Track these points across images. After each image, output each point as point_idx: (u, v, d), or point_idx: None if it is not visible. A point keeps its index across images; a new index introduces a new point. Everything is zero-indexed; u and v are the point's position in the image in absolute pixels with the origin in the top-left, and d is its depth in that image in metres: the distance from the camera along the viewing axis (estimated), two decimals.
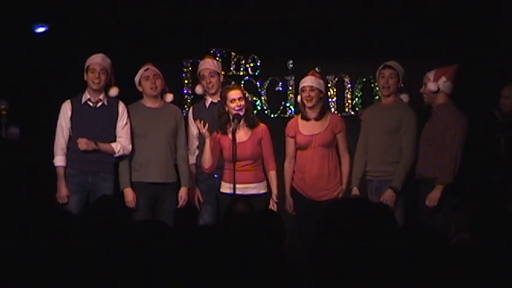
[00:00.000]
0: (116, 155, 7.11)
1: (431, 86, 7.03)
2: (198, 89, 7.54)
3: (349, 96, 8.53)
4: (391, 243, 2.83)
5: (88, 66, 7.12)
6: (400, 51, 7.84)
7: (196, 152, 7.33)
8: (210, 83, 7.31)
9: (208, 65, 7.39)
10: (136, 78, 7.25)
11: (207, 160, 6.93)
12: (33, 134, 7.12)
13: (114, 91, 7.25)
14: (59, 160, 7.07)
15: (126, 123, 7.16)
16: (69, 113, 7.09)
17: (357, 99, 8.52)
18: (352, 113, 8.45)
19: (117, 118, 7.15)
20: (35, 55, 7.84)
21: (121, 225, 3.31)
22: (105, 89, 7.19)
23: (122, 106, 7.19)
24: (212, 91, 7.31)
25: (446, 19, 8.09)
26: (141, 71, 7.23)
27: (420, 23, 8.13)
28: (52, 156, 7.11)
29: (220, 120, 6.98)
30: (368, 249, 2.82)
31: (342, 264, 2.84)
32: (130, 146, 7.15)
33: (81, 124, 7.07)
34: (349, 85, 8.53)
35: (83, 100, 7.13)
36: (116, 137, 7.13)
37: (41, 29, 8.19)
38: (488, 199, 6.77)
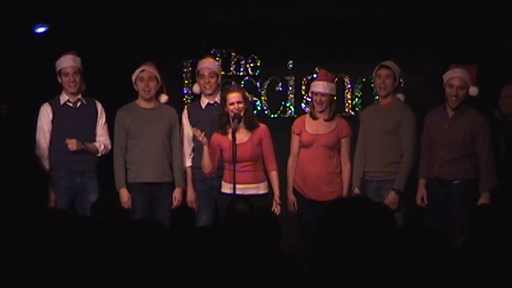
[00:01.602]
0: (99, 154, 7.10)
1: (474, 91, 6.80)
2: (196, 88, 7.39)
3: (349, 96, 8.55)
4: (391, 243, 2.83)
5: (60, 70, 7.02)
6: (400, 51, 7.84)
7: (192, 154, 7.24)
8: (208, 82, 7.16)
9: (209, 64, 7.25)
10: (133, 77, 7.12)
11: (207, 165, 6.89)
12: (32, 134, 7.11)
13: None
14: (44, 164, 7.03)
15: (105, 122, 7.15)
16: (51, 116, 7.03)
17: (357, 99, 8.53)
18: (352, 113, 8.46)
19: (96, 117, 7.13)
20: (35, 55, 7.84)
21: (119, 225, 3.31)
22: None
23: (99, 105, 7.16)
24: (209, 92, 7.17)
25: (446, 19, 8.10)
26: (137, 71, 7.10)
27: (420, 23, 8.14)
28: None
29: (220, 120, 6.96)
30: (368, 249, 2.83)
31: (342, 264, 2.85)
32: (110, 145, 7.13)
33: (65, 125, 7.02)
34: (349, 85, 8.55)
35: (62, 101, 7.07)
36: (95, 135, 7.12)
37: (41, 29, 8.20)
38: (488, 199, 6.76)
